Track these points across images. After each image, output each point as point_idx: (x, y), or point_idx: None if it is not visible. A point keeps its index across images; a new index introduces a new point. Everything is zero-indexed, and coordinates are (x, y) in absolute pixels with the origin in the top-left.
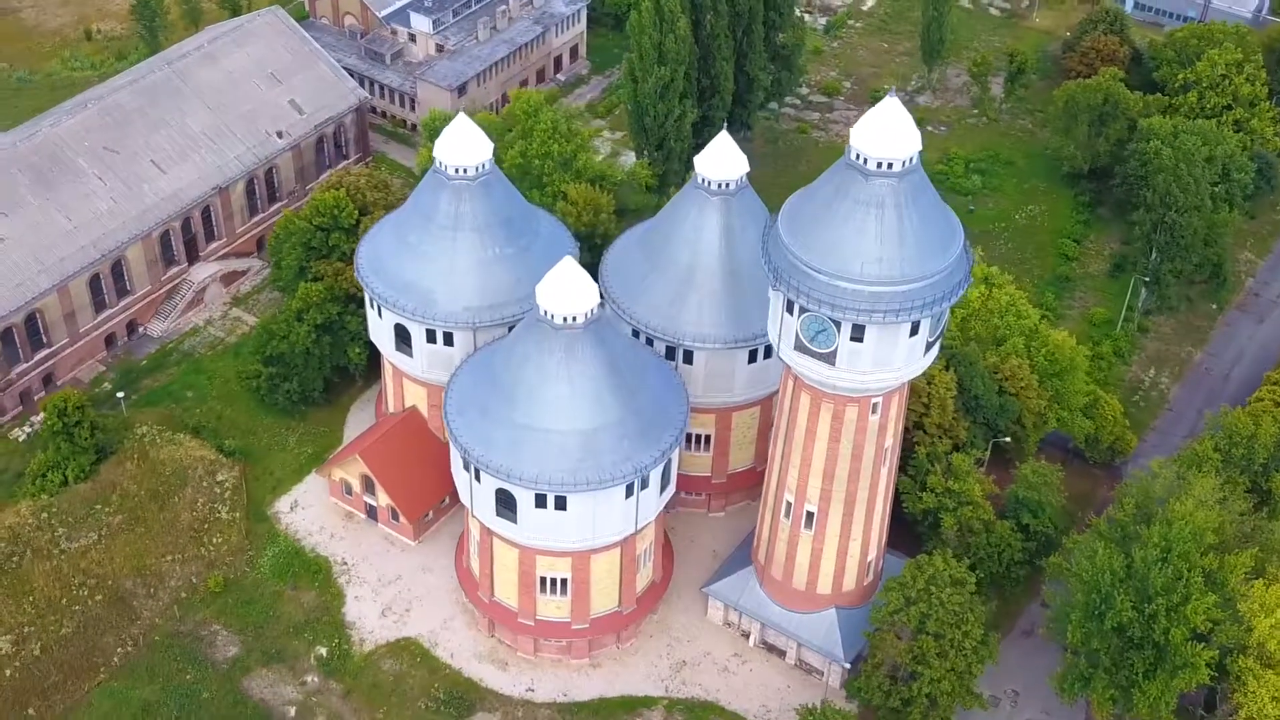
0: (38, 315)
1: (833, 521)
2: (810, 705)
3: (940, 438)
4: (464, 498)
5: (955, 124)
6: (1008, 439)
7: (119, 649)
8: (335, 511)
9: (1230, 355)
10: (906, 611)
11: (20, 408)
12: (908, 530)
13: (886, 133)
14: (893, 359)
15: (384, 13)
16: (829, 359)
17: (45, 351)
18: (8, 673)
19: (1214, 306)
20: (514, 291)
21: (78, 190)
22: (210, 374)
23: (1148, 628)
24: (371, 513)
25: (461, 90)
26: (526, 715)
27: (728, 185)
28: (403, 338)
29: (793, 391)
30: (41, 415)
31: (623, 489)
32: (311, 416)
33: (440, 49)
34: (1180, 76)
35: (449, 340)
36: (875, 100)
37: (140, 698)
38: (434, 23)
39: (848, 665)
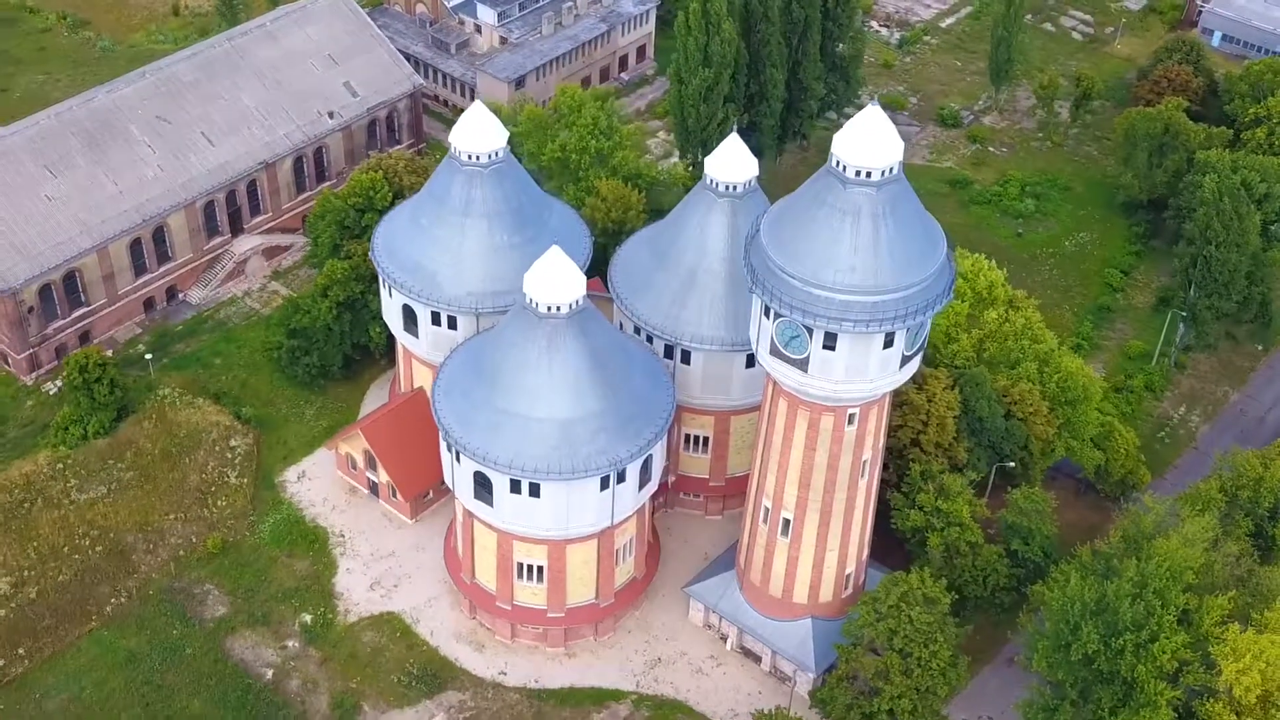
0: (77, 274)
1: (809, 531)
2: (767, 711)
3: (938, 456)
4: (447, 478)
5: (1018, 146)
6: (1012, 464)
7: (112, 600)
8: (340, 485)
9: (1269, 398)
10: (875, 627)
11: (55, 363)
12: (899, 547)
13: (866, 142)
14: (866, 369)
15: (453, 3)
16: (802, 365)
17: (83, 310)
18: (2, 613)
19: (1259, 347)
20: (518, 280)
21: (127, 156)
22: (240, 343)
23: (1114, 662)
24: (373, 489)
25: (519, 83)
26: (495, 697)
27: (735, 187)
28: (410, 318)
29: (772, 396)
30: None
31: (598, 481)
32: (330, 391)
33: (504, 41)
34: (1251, 111)
35: (453, 324)
36: (939, 118)
37: (126, 648)
38: (499, 15)
39: (813, 674)
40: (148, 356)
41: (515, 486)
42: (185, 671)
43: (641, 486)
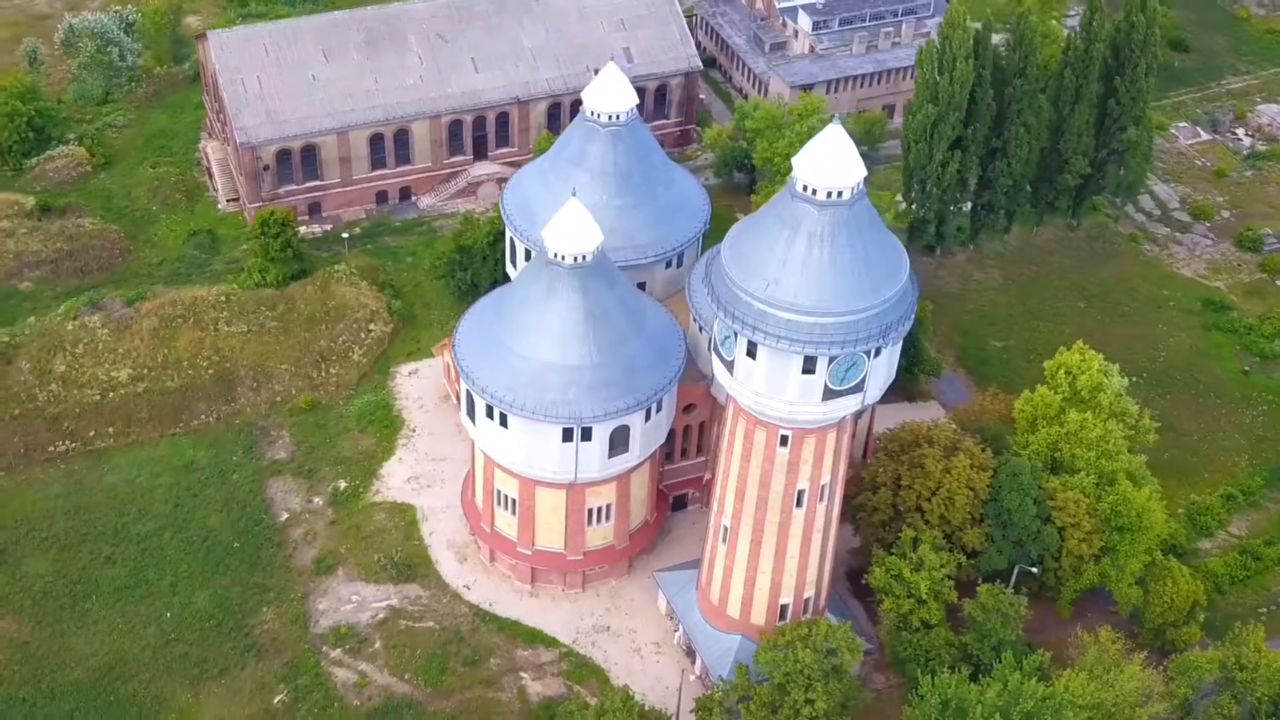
0: (316, 150)
1: (742, 544)
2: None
3: (939, 529)
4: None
5: None
6: (1034, 569)
7: (202, 416)
8: (438, 389)
9: None
10: (764, 654)
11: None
12: None
13: (819, 159)
14: (785, 390)
15: (782, 4)
16: (730, 367)
17: (316, 183)
18: (113, 396)
19: None
20: (619, 239)
21: (395, 61)
22: (435, 251)
23: None
24: (459, 398)
25: (805, 90)
26: (448, 604)
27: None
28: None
29: (727, 394)
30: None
31: (559, 430)
32: None
33: (812, 49)
34: None
35: None
36: (1239, 238)
37: (190, 457)
38: (814, 24)
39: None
40: (344, 236)
41: (489, 411)
42: (221, 491)
43: (613, 454)
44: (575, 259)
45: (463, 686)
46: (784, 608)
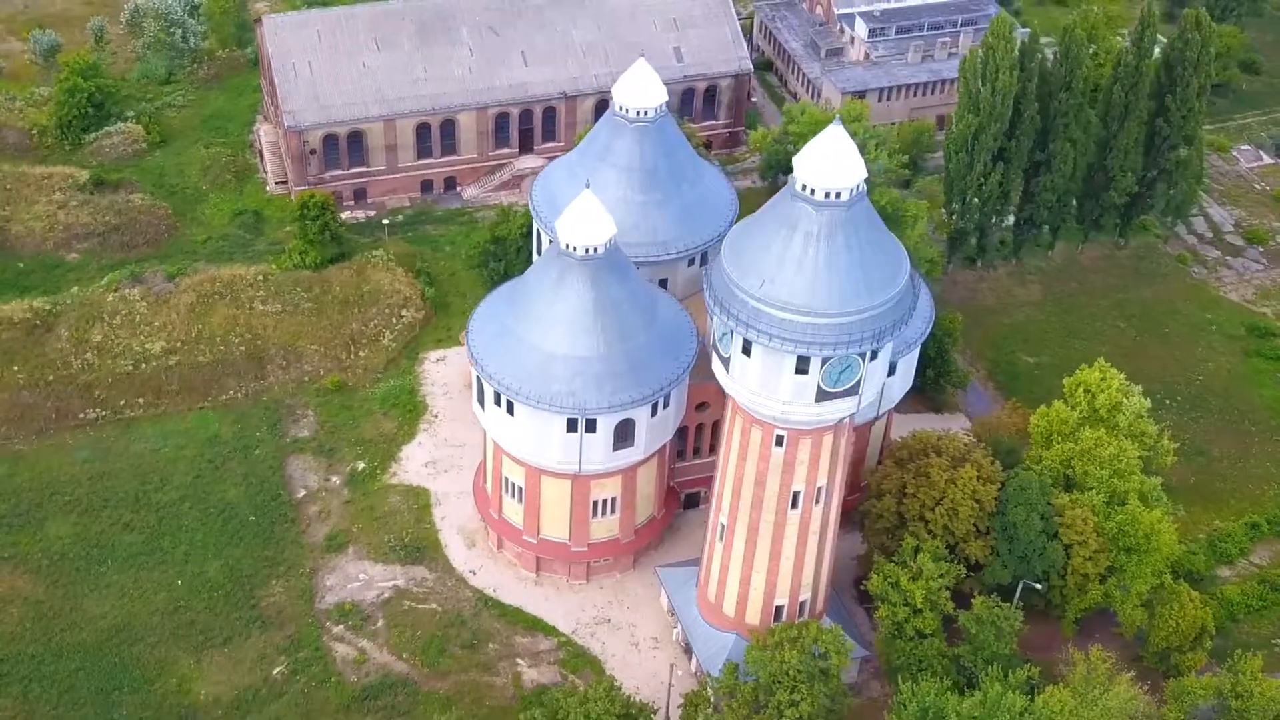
0: (363, 136)
1: (737, 544)
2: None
3: (942, 539)
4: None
5: None
6: (1039, 585)
7: (230, 391)
8: (464, 377)
9: None
10: (752, 653)
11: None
12: None
13: (819, 159)
14: (778, 389)
15: (840, 10)
16: (726, 365)
17: (361, 169)
18: (144, 367)
19: None
20: (642, 234)
21: (446, 52)
22: (471, 241)
23: None
24: None
25: (857, 97)
26: (453, 588)
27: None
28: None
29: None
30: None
31: (564, 421)
32: None
33: (867, 57)
34: None
35: None
36: None
37: (215, 431)
38: (870, 31)
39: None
40: (384, 222)
41: (497, 398)
42: (243, 465)
43: (618, 447)
44: (587, 250)
45: (459, 669)
46: (779, 609)
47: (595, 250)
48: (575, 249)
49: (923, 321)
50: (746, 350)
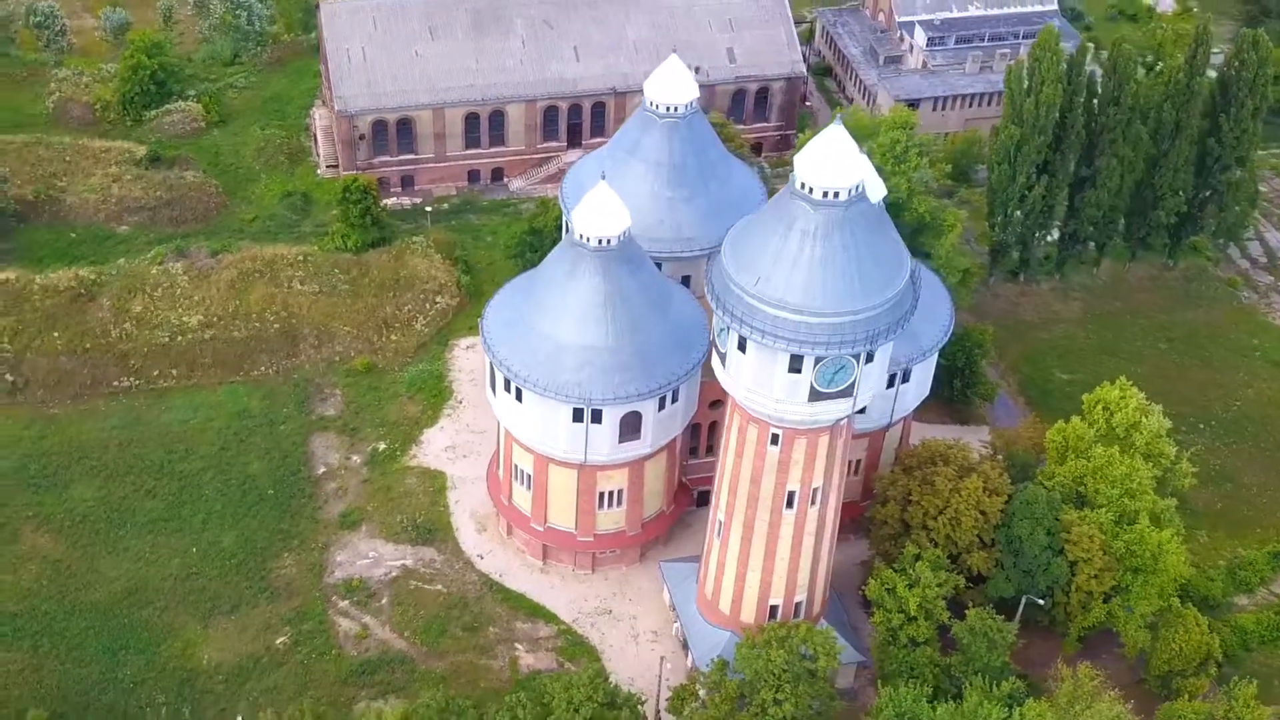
0: (412, 124)
1: (733, 542)
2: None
3: (944, 549)
4: None
5: None
6: (1041, 601)
7: (262, 368)
8: None
9: None
10: (739, 650)
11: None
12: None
13: (817, 158)
14: (771, 387)
15: (901, 18)
16: (724, 360)
17: (410, 156)
18: (180, 339)
19: None
20: (667, 229)
21: (498, 44)
22: (510, 231)
23: None
24: None
25: (911, 106)
26: (460, 570)
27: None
28: None
29: None
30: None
31: (569, 410)
32: None
33: (925, 65)
34: None
35: None
36: None
37: (244, 405)
38: (929, 40)
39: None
40: (427, 209)
41: (506, 385)
42: (268, 440)
43: (624, 439)
44: (600, 242)
45: (457, 650)
46: (774, 608)
47: (608, 242)
48: (589, 239)
49: (940, 329)
50: (742, 346)
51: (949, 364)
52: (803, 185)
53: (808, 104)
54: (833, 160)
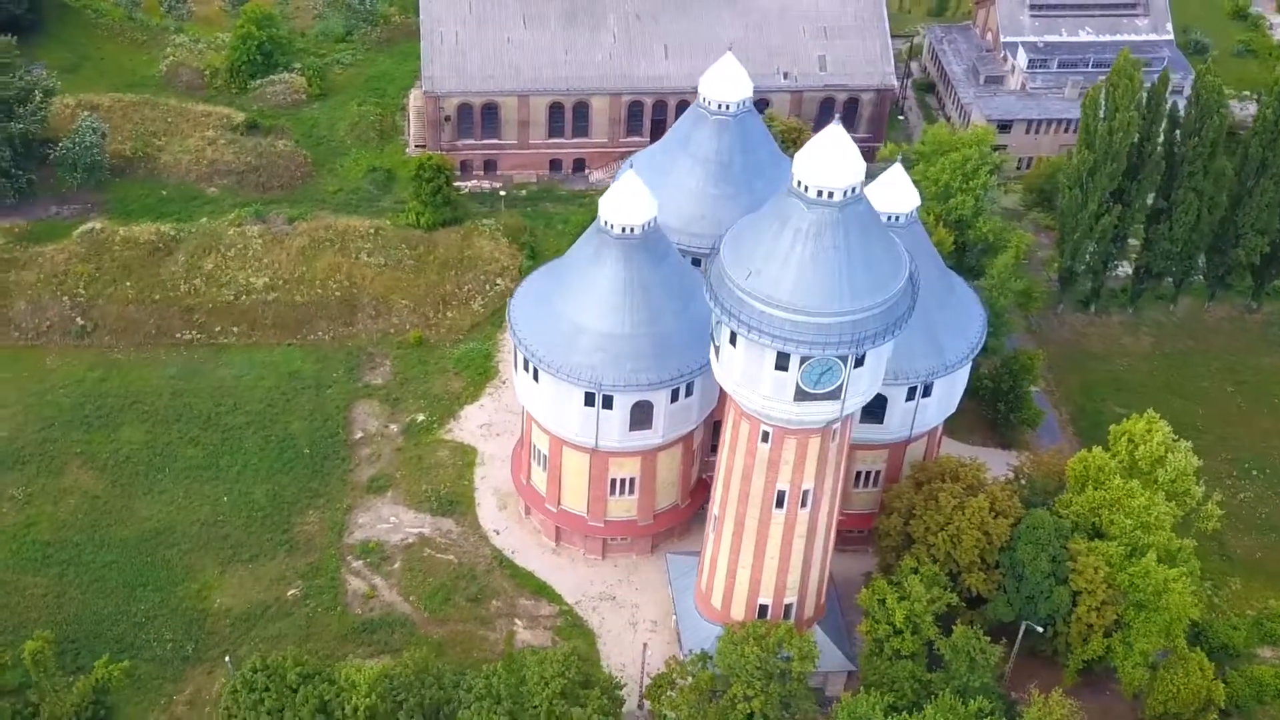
0: (497, 109)
1: (725, 538)
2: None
3: (943, 565)
4: None
5: None
6: (1041, 629)
7: (318, 333)
8: None
9: None
10: (720, 642)
11: (456, 172)
12: None
13: (816, 157)
14: (759, 383)
15: (1006, 38)
16: (717, 354)
17: (493, 141)
18: (244, 299)
19: None
20: (697, 225)
21: (589, 36)
22: (579, 220)
23: None
24: None
25: (1003, 128)
26: (475, 543)
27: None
28: None
29: None
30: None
31: (581, 394)
32: None
33: (1024, 87)
34: None
35: None
36: None
37: (295, 367)
38: (1030, 62)
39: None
40: (501, 193)
41: (525, 364)
42: (311, 402)
43: (635, 428)
44: (624, 230)
45: (458, 619)
46: (763, 608)
47: (632, 230)
48: (613, 227)
49: (967, 345)
50: (733, 340)
51: (994, 385)
52: (799, 183)
53: (902, 116)
54: (829, 160)
